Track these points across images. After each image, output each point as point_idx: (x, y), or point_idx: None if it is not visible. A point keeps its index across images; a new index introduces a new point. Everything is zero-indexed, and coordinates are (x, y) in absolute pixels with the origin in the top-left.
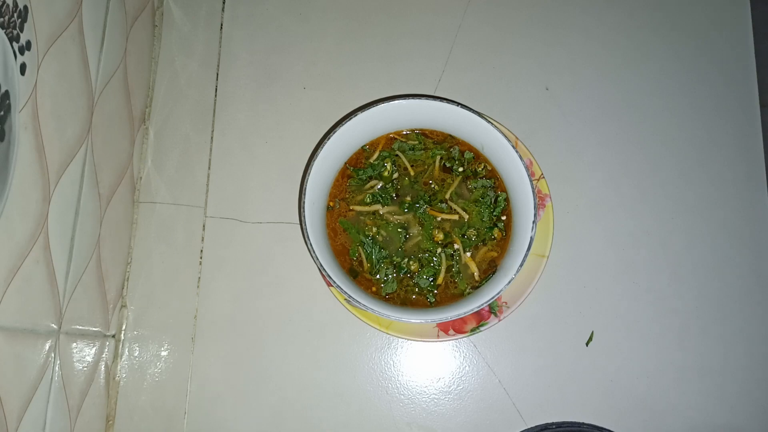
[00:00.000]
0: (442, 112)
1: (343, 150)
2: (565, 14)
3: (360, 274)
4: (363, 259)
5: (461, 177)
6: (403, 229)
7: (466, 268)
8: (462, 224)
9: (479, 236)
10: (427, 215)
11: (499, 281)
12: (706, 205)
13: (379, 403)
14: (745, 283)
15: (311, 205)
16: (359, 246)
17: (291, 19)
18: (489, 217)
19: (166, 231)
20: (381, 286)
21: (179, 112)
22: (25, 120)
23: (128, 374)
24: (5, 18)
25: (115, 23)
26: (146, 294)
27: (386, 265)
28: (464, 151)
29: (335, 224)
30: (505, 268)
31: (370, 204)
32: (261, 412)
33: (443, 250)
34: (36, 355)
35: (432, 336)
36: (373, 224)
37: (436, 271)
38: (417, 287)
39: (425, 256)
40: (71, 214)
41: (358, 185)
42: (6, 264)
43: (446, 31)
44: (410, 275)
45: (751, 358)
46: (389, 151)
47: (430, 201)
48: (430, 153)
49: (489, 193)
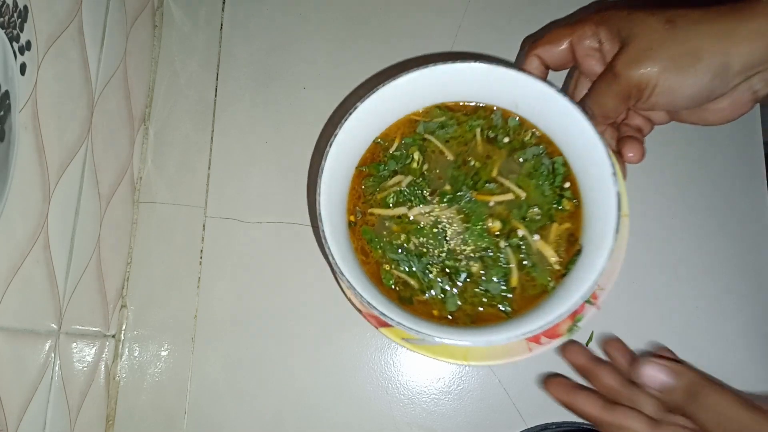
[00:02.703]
0: (467, 74)
1: (353, 150)
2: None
3: (414, 298)
4: (406, 278)
5: (508, 149)
6: (443, 229)
7: (540, 257)
8: (520, 204)
9: (544, 214)
10: (475, 203)
11: (592, 260)
12: (706, 205)
13: (379, 403)
14: (746, 283)
15: (333, 230)
16: (392, 265)
17: (291, 19)
18: (551, 189)
19: (166, 231)
20: (443, 305)
21: (179, 112)
22: (25, 120)
23: (128, 374)
24: (5, 18)
25: (115, 23)
26: (146, 294)
27: (437, 274)
28: (507, 118)
29: (363, 243)
30: (593, 242)
31: (395, 206)
32: (261, 412)
33: (507, 241)
34: (36, 355)
35: (522, 352)
36: (402, 230)
37: (506, 270)
38: (485, 295)
39: (487, 255)
40: (71, 214)
41: (376, 182)
42: (6, 264)
43: (446, 30)
44: (470, 280)
45: (751, 359)
46: (413, 136)
47: (475, 184)
48: (467, 126)
49: (544, 160)
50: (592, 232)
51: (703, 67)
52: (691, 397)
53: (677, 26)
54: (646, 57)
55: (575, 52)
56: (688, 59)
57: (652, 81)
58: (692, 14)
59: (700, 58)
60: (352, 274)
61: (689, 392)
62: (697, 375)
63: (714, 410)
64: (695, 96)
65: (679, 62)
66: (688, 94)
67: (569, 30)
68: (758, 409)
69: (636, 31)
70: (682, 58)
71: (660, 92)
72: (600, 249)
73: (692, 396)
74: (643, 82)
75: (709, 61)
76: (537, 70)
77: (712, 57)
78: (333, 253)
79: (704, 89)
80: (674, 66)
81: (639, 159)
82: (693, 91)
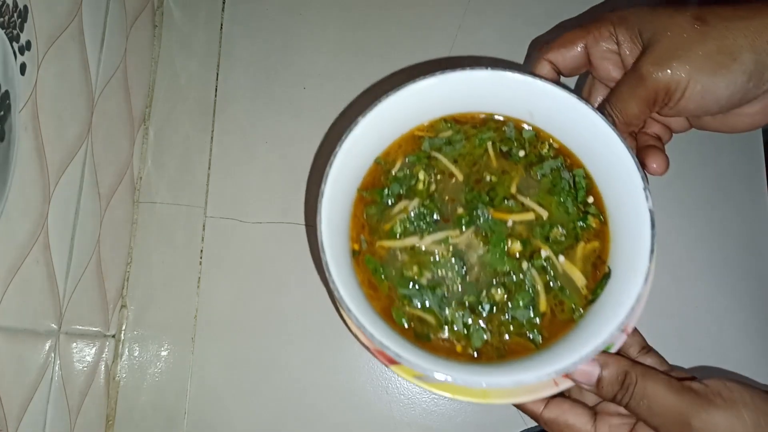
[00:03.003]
0: (477, 82)
1: (354, 171)
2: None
3: (431, 335)
4: (421, 314)
5: (524, 163)
6: (460, 256)
7: (568, 280)
8: (542, 223)
9: (569, 233)
10: (493, 222)
11: (624, 285)
12: (706, 205)
13: (379, 403)
14: (746, 283)
15: (336, 262)
16: (403, 301)
17: (291, 19)
18: (574, 206)
19: (166, 231)
20: (468, 340)
21: (179, 112)
22: (25, 120)
23: (128, 374)
24: (5, 18)
25: (115, 23)
26: (146, 294)
27: (456, 308)
28: (521, 129)
29: (370, 275)
30: (624, 264)
31: (403, 236)
32: (261, 412)
33: (530, 263)
34: (36, 355)
35: (547, 387)
36: (413, 262)
37: (533, 294)
38: (512, 323)
39: (510, 279)
40: (71, 214)
41: (380, 210)
42: (6, 264)
43: (446, 30)
44: (495, 309)
45: (751, 359)
46: (417, 154)
47: (492, 201)
48: (476, 140)
49: (563, 174)
50: (621, 252)
51: (738, 67)
52: (622, 388)
53: (708, 24)
54: (675, 57)
55: (590, 55)
56: (721, 59)
57: (682, 83)
58: (723, 11)
59: (735, 57)
60: (360, 310)
61: (618, 382)
62: (625, 363)
63: (642, 396)
64: (729, 99)
65: (713, 62)
66: (722, 96)
67: (583, 32)
68: (687, 390)
69: (662, 29)
70: (715, 58)
71: (690, 96)
72: (633, 272)
73: (622, 385)
74: (673, 85)
75: (745, 60)
76: (548, 76)
77: (748, 56)
78: (339, 288)
79: (739, 91)
80: (707, 66)
81: (663, 171)
82: (727, 93)
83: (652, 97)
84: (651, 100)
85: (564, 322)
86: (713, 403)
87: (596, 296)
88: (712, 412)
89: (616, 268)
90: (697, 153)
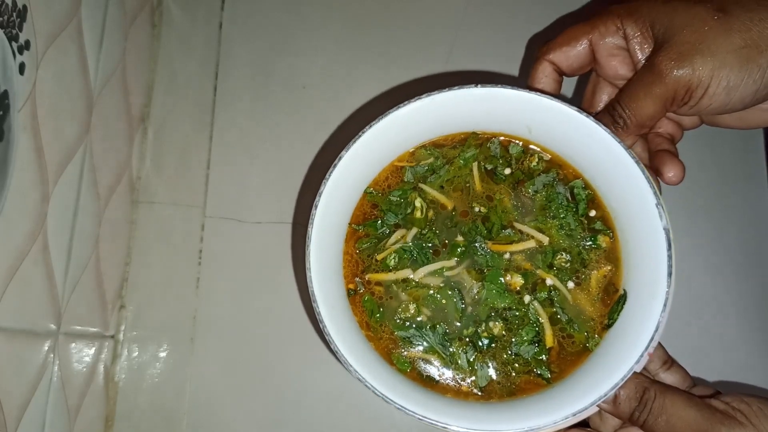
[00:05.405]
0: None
1: (344, 206)
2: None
3: (437, 377)
4: (424, 356)
5: (511, 182)
6: (459, 289)
7: (578, 309)
8: (545, 250)
9: (574, 258)
10: (490, 255)
11: (643, 309)
12: (706, 205)
13: (379, 403)
14: (745, 283)
15: (329, 308)
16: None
17: (291, 19)
18: (577, 223)
19: (165, 231)
20: (473, 379)
21: (178, 111)
22: (24, 120)
23: (127, 375)
24: (4, 17)
25: (114, 23)
26: (145, 294)
27: (459, 345)
28: (507, 145)
29: (367, 318)
30: (640, 287)
31: (397, 268)
32: (261, 413)
33: (532, 297)
34: (35, 356)
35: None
36: (411, 299)
37: (538, 329)
38: (517, 361)
39: (511, 314)
40: (70, 214)
41: (373, 245)
42: (5, 264)
43: (446, 30)
44: (496, 345)
45: (751, 359)
46: (401, 188)
47: (489, 232)
48: (460, 161)
49: (558, 189)
50: (636, 273)
51: (766, 61)
52: (640, 404)
53: (730, 14)
54: (697, 52)
55: (596, 52)
56: (747, 53)
57: (705, 80)
58: (745, 1)
59: (762, 50)
60: (360, 362)
61: (636, 398)
62: (643, 380)
63: (661, 412)
64: (754, 96)
65: (739, 57)
66: (748, 93)
67: (588, 27)
68: (707, 407)
69: (679, 22)
70: (740, 52)
71: (714, 93)
72: (652, 297)
73: (641, 403)
74: (695, 82)
75: None
76: (550, 77)
77: None
78: (336, 341)
79: (766, 87)
80: (733, 61)
81: (680, 179)
82: (753, 89)
83: (671, 96)
84: (669, 99)
85: (576, 353)
86: (734, 419)
87: (613, 321)
88: (734, 429)
89: (631, 290)
90: (697, 152)
